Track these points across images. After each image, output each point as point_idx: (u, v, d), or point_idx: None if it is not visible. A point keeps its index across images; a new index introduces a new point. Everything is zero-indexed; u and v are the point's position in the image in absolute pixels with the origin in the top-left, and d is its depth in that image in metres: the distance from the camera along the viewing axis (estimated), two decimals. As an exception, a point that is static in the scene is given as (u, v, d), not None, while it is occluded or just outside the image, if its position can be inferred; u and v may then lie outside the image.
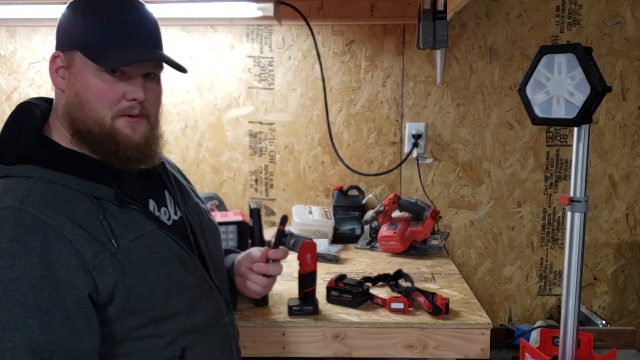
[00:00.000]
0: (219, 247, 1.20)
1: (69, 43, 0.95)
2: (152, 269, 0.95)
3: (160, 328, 0.96)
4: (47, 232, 0.85)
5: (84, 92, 0.93)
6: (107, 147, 0.95)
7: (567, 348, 1.27)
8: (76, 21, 0.95)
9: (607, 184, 2.19)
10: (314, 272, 1.43)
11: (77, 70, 0.94)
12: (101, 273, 0.88)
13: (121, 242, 0.92)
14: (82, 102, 0.93)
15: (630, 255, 2.23)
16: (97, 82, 0.93)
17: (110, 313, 0.90)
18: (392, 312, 1.44)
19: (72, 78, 0.94)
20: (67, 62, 0.95)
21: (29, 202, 0.86)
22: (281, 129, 2.21)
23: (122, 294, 0.90)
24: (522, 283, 2.26)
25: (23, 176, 0.91)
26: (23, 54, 2.19)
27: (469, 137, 2.18)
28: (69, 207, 0.89)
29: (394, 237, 1.91)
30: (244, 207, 2.22)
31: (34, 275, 0.82)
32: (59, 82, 0.96)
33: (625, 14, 2.10)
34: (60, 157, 0.95)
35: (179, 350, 0.98)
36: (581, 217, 1.23)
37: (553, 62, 1.21)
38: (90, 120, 0.94)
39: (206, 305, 1.06)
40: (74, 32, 0.94)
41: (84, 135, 0.95)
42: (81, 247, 0.87)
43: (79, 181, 0.92)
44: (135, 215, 0.97)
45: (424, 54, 2.15)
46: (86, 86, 0.93)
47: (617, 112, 2.15)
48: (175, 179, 1.14)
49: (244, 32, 2.16)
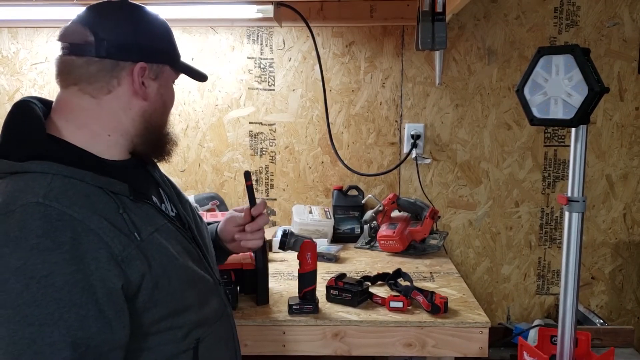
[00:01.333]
0: (211, 243, 1.24)
1: (158, 57, 1.02)
2: (170, 262, 0.96)
3: (178, 320, 0.98)
4: (75, 227, 0.85)
5: (169, 100, 1.07)
6: (163, 144, 1.08)
7: (565, 347, 1.28)
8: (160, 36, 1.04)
9: (605, 184, 2.20)
10: (314, 271, 1.44)
11: (166, 81, 1.05)
12: (130, 265, 0.89)
13: (142, 235, 0.93)
14: (167, 108, 1.07)
15: (628, 255, 2.24)
16: (174, 91, 1.09)
17: (138, 305, 0.91)
18: (392, 310, 1.45)
19: (162, 89, 1.04)
20: (155, 74, 1.02)
21: (52, 197, 0.86)
22: (281, 130, 2.22)
23: (148, 285, 0.91)
24: (520, 282, 2.27)
25: (38, 172, 0.90)
26: (25, 55, 2.20)
27: (467, 138, 2.20)
28: (90, 202, 0.89)
29: (393, 236, 1.93)
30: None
31: (66, 271, 0.82)
32: (142, 91, 1.01)
33: (623, 15, 2.11)
34: (73, 154, 0.95)
35: (194, 341, 1.00)
36: (579, 217, 1.24)
37: (551, 63, 1.22)
38: (165, 123, 1.08)
39: (212, 298, 1.08)
40: (161, 47, 1.04)
41: (153, 135, 1.04)
42: (109, 240, 0.87)
43: (95, 176, 0.92)
44: (148, 209, 0.99)
45: (423, 55, 2.16)
46: (171, 95, 1.08)
47: (614, 113, 2.16)
48: (164, 176, 1.17)
49: (244, 34, 2.18)
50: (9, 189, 0.88)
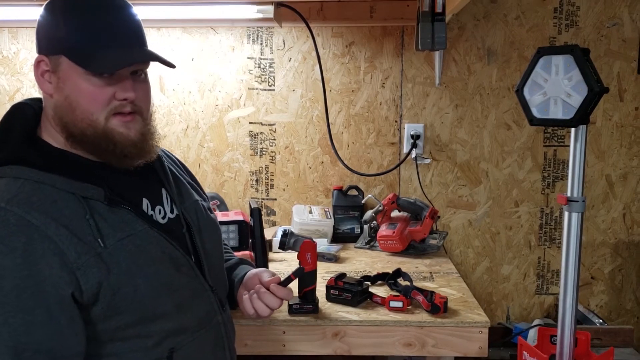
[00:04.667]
0: (218, 245, 1.18)
1: (52, 47, 0.93)
2: (140, 269, 0.94)
3: (148, 328, 0.96)
4: (31, 232, 0.85)
5: (74, 96, 0.93)
6: (104, 147, 0.95)
7: (564, 347, 1.28)
8: (57, 23, 0.93)
9: (604, 184, 2.21)
10: (314, 271, 1.43)
11: (65, 74, 0.93)
12: (85, 273, 0.88)
13: (108, 241, 0.91)
14: (73, 105, 0.93)
15: (627, 255, 2.24)
16: (86, 85, 0.92)
17: (95, 313, 0.90)
18: (391, 310, 1.45)
19: (60, 82, 0.93)
20: (53, 66, 0.93)
21: (15, 202, 0.87)
22: (281, 130, 2.23)
23: (107, 293, 0.90)
24: (520, 282, 2.27)
25: (12, 177, 0.91)
26: (26, 55, 2.20)
27: (467, 138, 2.20)
28: (55, 208, 0.89)
29: (393, 236, 1.93)
30: (245, 207, 2.23)
31: (16, 275, 0.83)
32: (45, 86, 0.95)
33: (623, 16, 2.11)
34: (49, 158, 0.95)
35: (167, 350, 0.98)
36: (578, 217, 1.24)
37: (551, 64, 1.22)
38: (83, 123, 0.93)
39: (198, 305, 1.05)
40: (56, 36, 0.93)
41: (78, 138, 0.95)
42: (65, 247, 0.87)
43: (67, 181, 0.92)
44: (125, 214, 0.96)
45: (423, 55, 2.16)
46: (76, 90, 0.92)
47: (614, 113, 2.17)
48: (174, 175, 1.13)
49: (244, 34, 2.18)
50: None
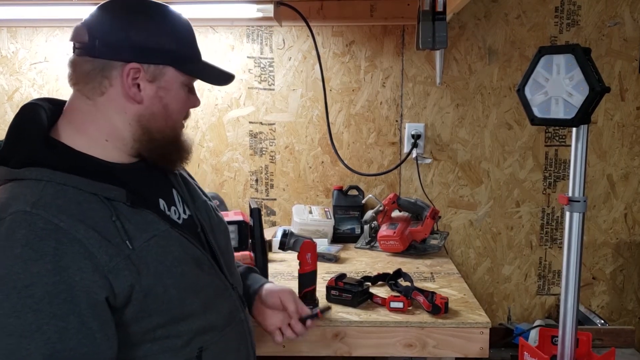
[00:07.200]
0: (229, 244, 1.19)
1: (155, 57, 0.96)
2: (167, 270, 0.94)
3: (177, 328, 0.95)
4: (59, 236, 0.83)
5: (173, 105, 0.99)
6: (170, 152, 1.02)
7: (565, 347, 1.28)
8: (159, 34, 0.97)
9: (606, 184, 2.20)
10: (314, 271, 1.43)
11: (167, 84, 0.98)
12: (117, 276, 0.87)
13: (135, 243, 0.90)
14: (169, 113, 0.99)
15: (629, 255, 2.24)
16: (182, 94, 1.01)
17: (127, 315, 0.90)
18: (392, 311, 1.45)
19: (161, 91, 0.97)
20: (152, 75, 0.96)
21: (40, 205, 0.84)
22: (281, 129, 2.22)
23: (138, 295, 0.89)
24: (521, 282, 2.27)
25: (32, 179, 0.88)
26: (24, 54, 2.20)
27: (468, 138, 2.19)
28: (81, 210, 0.87)
29: (394, 236, 1.92)
30: (245, 207, 2.23)
31: (47, 281, 0.81)
32: (134, 92, 0.95)
33: (624, 15, 2.11)
34: (70, 159, 0.93)
35: (196, 350, 0.98)
36: (580, 217, 1.24)
37: (552, 63, 1.21)
38: (169, 129, 1.00)
39: (221, 303, 1.05)
40: (162, 47, 0.96)
41: (154, 142, 0.99)
42: (95, 250, 0.85)
43: (90, 182, 0.90)
44: (147, 215, 0.95)
45: (424, 54, 2.15)
46: (176, 99, 0.99)
47: (615, 113, 2.16)
48: (182, 177, 1.14)
49: (244, 33, 2.17)
50: (4, 196, 0.87)
